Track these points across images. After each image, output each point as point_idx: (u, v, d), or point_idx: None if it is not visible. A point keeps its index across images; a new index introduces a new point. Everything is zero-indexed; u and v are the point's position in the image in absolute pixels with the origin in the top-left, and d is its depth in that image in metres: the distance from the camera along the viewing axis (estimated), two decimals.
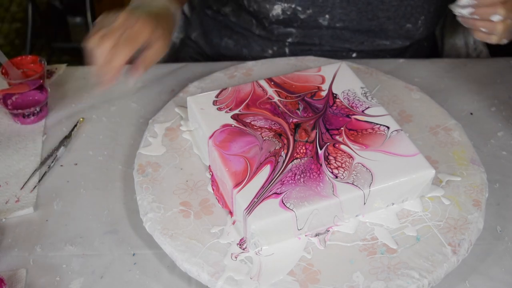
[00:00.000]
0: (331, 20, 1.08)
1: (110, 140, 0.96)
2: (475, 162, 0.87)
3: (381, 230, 0.78)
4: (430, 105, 0.97)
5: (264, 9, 1.08)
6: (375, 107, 0.89)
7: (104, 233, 0.82)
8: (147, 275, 0.77)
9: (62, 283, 0.76)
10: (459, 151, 0.89)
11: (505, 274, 0.78)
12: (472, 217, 0.80)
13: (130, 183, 0.86)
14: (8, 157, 0.93)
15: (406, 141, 0.83)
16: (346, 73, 0.95)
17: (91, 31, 0.83)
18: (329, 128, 0.85)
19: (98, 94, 1.02)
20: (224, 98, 0.91)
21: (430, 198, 0.82)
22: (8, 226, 0.83)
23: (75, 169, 0.91)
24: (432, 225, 0.79)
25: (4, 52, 0.99)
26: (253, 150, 0.82)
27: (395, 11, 1.07)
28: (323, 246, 0.77)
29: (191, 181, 0.85)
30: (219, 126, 0.86)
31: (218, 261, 0.75)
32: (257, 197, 0.76)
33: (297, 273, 0.73)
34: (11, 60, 1.01)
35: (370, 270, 0.74)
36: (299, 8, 1.07)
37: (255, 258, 0.75)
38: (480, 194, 0.83)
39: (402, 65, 1.10)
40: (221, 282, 0.73)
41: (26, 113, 0.97)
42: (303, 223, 0.76)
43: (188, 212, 0.81)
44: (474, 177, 0.85)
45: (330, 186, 0.77)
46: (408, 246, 0.77)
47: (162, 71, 1.09)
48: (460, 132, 0.92)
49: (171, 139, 0.91)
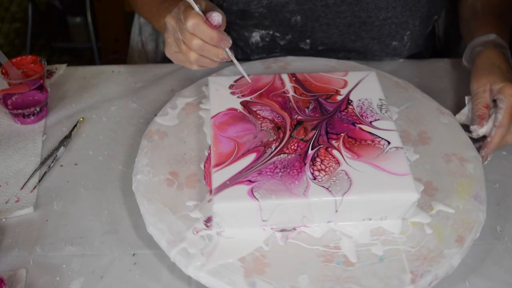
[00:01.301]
0: (312, 44, 1.05)
1: (110, 140, 0.96)
2: (478, 199, 0.82)
3: (348, 241, 0.77)
4: (456, 132, 0.92)
5: (243, 36, 1.07)
6: (385, 121, 0.86)
7: (104, 233, 0.82)
8: (147, 275, 0.77)
9: (62, 283, 0.76)
10: (465, 183, 0.84)
11: (505, 274, 0.78)
12: (449, 252, 0.76)
13: (130, 183, 0.85)
14: (8, 157, 0.93)
15: (401, 160, 0.80)
16: (371, 83, 0.93)
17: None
18: (329, 132, 0.84)
19: (98, 94, 1.04)
20: (242, 84, 0.93)
21: (413, 223, 0.79)
22: (8, 226, 0.83)
23: (75, 169, 0.91)
24: (402, 249, 0.76)
25: (4, 52, 0.99)
26: (247, 137, 0.84)
27: (378, 31, 1.03)
28: (283, 242, 0.77)
29: (188, 155, 0.88)
30: (225, 108, 0.88)
31: (180, 231, 0.77)
32: (230, 180, 0.77)
33: (248, 260, 0.74)
34: (11, 60, 1.00)
35: (319, 276, 0.73)
36: (277, 34, 1.05)
37: (214, 237, 0.77)
38: (468, 231, 0.78)
39: (402, 65, 1.09)
40: (175, 251, 0.75)
41: (26, 113, 0.96)
42: (268, 215, 0.76)
43: (173, 182, 0.84)
44: (470, 214, 0.80)
45: (303, 186, 0.77)
46: (368, 263, 0.74)
47: (162, 71, 1.09)
48: (476, 165, 0.87)
49: (187, 114, 0.95)
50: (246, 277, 0.72)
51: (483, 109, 0.90)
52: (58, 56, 2.51)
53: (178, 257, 0.75)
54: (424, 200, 0.82)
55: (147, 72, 1.09)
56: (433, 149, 0.90)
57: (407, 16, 1.03)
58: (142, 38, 1.31)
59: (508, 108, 0.87)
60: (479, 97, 0.91)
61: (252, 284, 0.72)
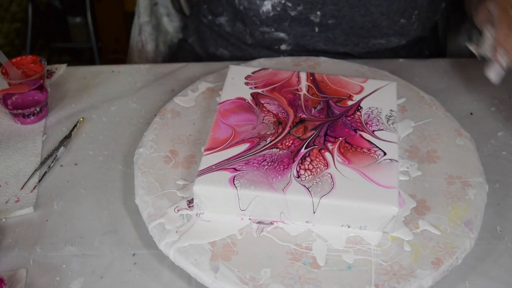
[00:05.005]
0: (322, 16, 1.03)
1: (110, 140, 0.96)
2: (469, 226, 0.79)
3: (321, 244, 0.77)
4: (468, 155, 0.89)
5: (254, 5, 1.06)
6: (388, 132, 0.85)
7: (104, 233, 0.82)
8: (147, 275, 0.77)
9: (62, 283, 0.76)
10: (460, 208, 0.81)
11: (505, 274, 0.78)
12: (422, 272, 0.73)
13: (130, 183, 0.85)
14: (8, 157, 0.92)
15: (392, 172, 0.79)
16: (388, 93, 0.91)
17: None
18: (328, 134, 0.84)
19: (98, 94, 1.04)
20: (258, 76, 0.94)
21: (393, 237, 0.78)
22: (8, 226, 0.83)
23: (75, 169, 0.91)
24: (373, 261, 0.75)
25: (4, 52, 0.98)
26: (246, 127, 0.85)
27: (388, 6, 1.03)
28: (257, 234, 0.78)
29: (193, 136, 0.91)
30: (234, 97, 0.90)
31: (162, 207, 0.80)
32: (216, 165, 0.79)
33: (217, 245, 0.76)
34: (11, 60, 1.00)
35: (281, 272, 0.73)
36: (289, 4, 1.05)
37: (193, 218, 0.79)
38: (448, 256, 0.75)
39: (402, 65, 1.09)
40: (153, 224, 0.78)
41: (26, 113, 0.96)
42: (246, 205, 0.77)
43: (170, 159, 0.87)
44: (456, 238, 0.77)
45: (285, 182, 0.77)
46: (335, 269, 0.74)
47: (162, 71, 1.09)
48: (478, 192, 0.83)
49: (205, 98, 0.98)
50: (212, 261, 0.74)
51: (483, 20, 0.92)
52: (58, 56, 2.51)
53: (154, 231, 0.78)
54: (412, 217, 0.80)
55: (147, 72, 1.09)
56: (438, 169, 0.87)
57: None
58: (142, 38, 1.34)
59: (500, 7, 0.88)
60: (479, 12, 0.93)
61: (215, 268, 0.73)
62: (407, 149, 0.89)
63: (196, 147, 0.89)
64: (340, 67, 1.04)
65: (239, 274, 0.73)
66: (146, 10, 1.33)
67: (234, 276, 0.72)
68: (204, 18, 1.21)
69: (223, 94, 0.91)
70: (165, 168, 0.86)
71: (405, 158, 0.88)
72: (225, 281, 0.72)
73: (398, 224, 0.78)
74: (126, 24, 2.18)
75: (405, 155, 0.89)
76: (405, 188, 0.84)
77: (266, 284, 0.72)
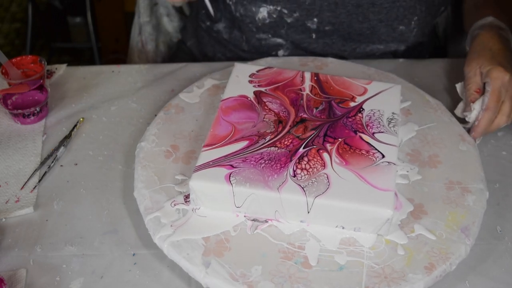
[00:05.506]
0: (319, 23, 1.02)
1: (110, 140, 0.95)
2: (466, 232, 0.78)
3: (314, 244, 0.77)
4: (470, 161, 0.88)
5: (250, 12, 1.06)
6: (389, 135, 0.85)
7: (104, 233, 0.82)
8: (147, 275, 0.77)
9: (62, 283, 0.76)
10: (458, 214, 0.81)
11: (505, 274, 0.78)
12: (413, 277, 0.73)
13: (130, 183, 0.85)
14: (8, 157, 0.92)
15: (389, 175, 0.79)
16: (392, 96, 0.91)
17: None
18: (328, 135, 0.84)
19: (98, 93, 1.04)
20: (263, 75, 0.94)
21: (387, 240, 0.77)
22: (8, 226, 0.83)
23: (75, 169, 0.91)
24: (366, 263, 0.75)
25: (4, 52, 0.98)
26: (246, 125, 0.85)
27: (386, 13, 1.02)
28: (251, 232, 0.78)
29: (195, 133, 0.91)
30: (236, 94, 0.90)
31: (160, 201, 0.81)
32: (214, 161, 0.80)
33: (211, 241, 0.76)
34: (11, 60, 1.00)
35: (271, 270, 0.73)
36: (285, 11, 1.04)
37: (189, 213, 0.80)
38: (442, 261, 0.75)
39: (402, 65, 1.09)
40: (149, 217, 0.79)
41: (26, 113, 0.96)
42: (241, 202, 0.78)
43: (171, 154, 0.88)
44: (450, 244, 0.77)
45: (281, 181, 0.77)
46: (326, 269, 0.74)
47: (162, 71, 1.09)
48: (478, 199, 0.83)
49: (210, 94, 0.98)
50: (204, 256, 0.74)
51: (475, 94, 0.91)
52: (58, 56, 2.50)
53: (150, 223, 0.78)
54: (408, 221, 0.79)
55: (147, 72, 1.09)
56: (438, 174, 0.86)
57: (415, 1, 1.03)
58: (142, 38, 1.34)
59: (494, 91, 0.88)
60: (470, 81, 0.93)
61: (207, 264, 0.74)
62: (408, 153, 0.89)
63: (197, 143, 0.90)
64: (347, 68, 1.04)
65: (230, 270, 0.73)
66: (146, 10, 1.34)
67: (225, 272, 0.73)
68: (202, 23, 1.22)
69: (226, 91, 0.91)
70: (165, 162, 0.87)
71: (405, 162, 0.87)
72: (216, 277, 0.72)
73: (393, 227, 0.78)
74: (126, 24, 2.18)
75: (406, 158, 0.88)
76: (403, 192, 0.83)
77: (256, 282, 0.72)
